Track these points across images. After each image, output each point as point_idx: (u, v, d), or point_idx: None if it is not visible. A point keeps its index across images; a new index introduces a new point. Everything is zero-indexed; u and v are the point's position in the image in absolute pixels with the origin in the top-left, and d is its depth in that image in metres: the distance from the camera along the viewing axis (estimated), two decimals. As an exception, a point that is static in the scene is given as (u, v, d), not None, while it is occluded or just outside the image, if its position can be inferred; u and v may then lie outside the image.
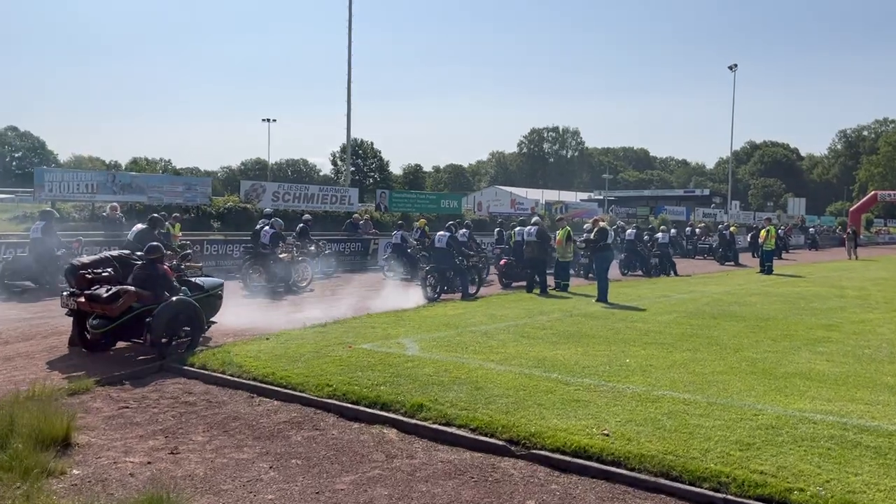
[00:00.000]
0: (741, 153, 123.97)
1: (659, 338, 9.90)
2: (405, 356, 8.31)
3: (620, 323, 11.32)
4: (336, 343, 9.11)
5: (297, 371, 7.48)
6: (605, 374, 7.54)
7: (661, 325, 11.18)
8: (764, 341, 9.76)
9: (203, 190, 27.35)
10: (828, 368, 7.98)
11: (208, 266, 19.24)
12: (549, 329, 10.59)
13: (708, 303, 14.38)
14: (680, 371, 7.72)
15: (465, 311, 12.61)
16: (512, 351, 8.77)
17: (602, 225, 14.79)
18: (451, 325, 10.84)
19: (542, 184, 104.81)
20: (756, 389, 6.92)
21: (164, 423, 6.13)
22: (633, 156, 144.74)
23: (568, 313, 12.50)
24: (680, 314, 12.53)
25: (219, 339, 9.90)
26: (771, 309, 13.50)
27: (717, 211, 58.58)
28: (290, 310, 13.16)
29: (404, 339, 9.55)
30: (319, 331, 10.16)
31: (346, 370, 7.52)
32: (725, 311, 12.96)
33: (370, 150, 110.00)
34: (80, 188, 23.78)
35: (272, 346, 8.81)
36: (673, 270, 23.71)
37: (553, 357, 8.40)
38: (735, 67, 57.97)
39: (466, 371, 7.54)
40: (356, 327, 10.56)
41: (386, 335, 9.82)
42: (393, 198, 34.61)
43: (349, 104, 36.68)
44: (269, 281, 16.17)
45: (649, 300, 14.80)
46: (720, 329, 10.82)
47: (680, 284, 18.95)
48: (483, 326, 10.79)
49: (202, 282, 9.56)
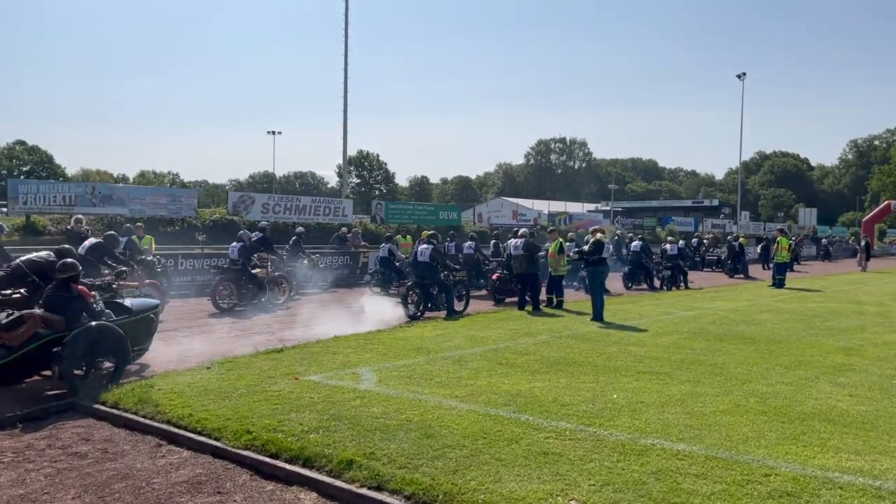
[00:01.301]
0: (751, 164, 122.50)
1: (655, 365, 8.68)
2: (356, 391, 7.13)
3: (614, 346, 10.11)
4: (283, 374, 7.95)
5: (220, 412, 6.31)
6: (586, 414, 6.33)
7: (659, 349, 9.96)
8: (775, 370, 8.52)
9: (188, 202, 26.29)
10: (851, 406, 6.75)
11: (183, 283, 18.18)
12: (532, 354, 9.38)
13: (713, 321, 13.14)
14: (675, 410, 6.50)
15: (444, 333, 11.43)
16: (483, 383, 7.57)
17: (598, 237, 13.55)
18: (424, 350, 9.67)
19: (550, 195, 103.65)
20: (767, 437, 5.69)
21: (30, 486, 4.97)
22: (642, 166, 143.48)
23: (557, 335, 11.29)
24: (682, 335, 11.30)
25: (160, 366, 8.79)
26: (783, 329, 12.24)
27: (727, 222, 57.16)
28: (253, 331, 12.01)
29: (363, 367, 8.38)
30: (272, 357, 9.01)
31: (278, 411, 6.35)
32: (732, 332, 11.72)
33: (376, 161, 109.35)
34: (57, 200, 22.76)
35: (207, 378, 7.65)
36: (684, 282, 22.59)
37: (529, 391, 7.20)
38: (744, 76, 56.83)
39: (422, 411, 6.35)
40: (315, 353, 9.40)
41: (344, 363, 8.65)
42: (389, 209, 33.46)
43: (345, 114, 35.66)
44: (241, 299, 15.04)
45: (650, 318, 13.57)
46: (726, 354, 9.58)
47: (684, 300, 17.70)
48: (458, 351, 9.60)
49: (133, 303, 8.39)
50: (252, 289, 15.15)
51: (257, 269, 15.50)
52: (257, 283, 15.24)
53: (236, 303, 14.96)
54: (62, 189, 23.11)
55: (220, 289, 14.97)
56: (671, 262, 22.49)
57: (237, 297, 15.00)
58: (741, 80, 56.81)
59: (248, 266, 15.24)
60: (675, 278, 22.45)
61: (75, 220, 17.47)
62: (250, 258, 15.47)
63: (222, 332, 11.93)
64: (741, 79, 56.79)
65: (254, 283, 15.20)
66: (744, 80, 56.81)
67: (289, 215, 29.20)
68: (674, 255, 22.63)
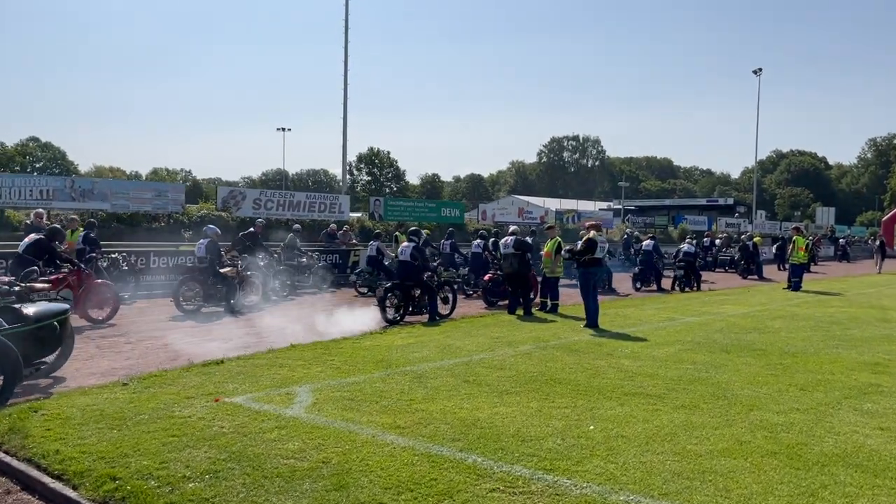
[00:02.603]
0: (767, 162, 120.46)
1: (647, 384, 7.41)
2: (279, 419, 5.92)
3: (603, 360, 8.83)
4: (206, 393, 6.75)
5: (97, 447, 5.12)
6: (551, 454, 5.08)
7: (655, 363, 8.67)
8: (789, 391, 7.22)
9: (175, 197, 25.18)
10: (883, 444, 5.45)
11: (156, 282, 17.07)
12: (507, 369, 8.14)
13: (721, 329, 11.83)
14: (662, 449, 5.23)
15: (417, 341, 10.20)
16: (437, 408, 6.34)
17: (592, 234, 12.23)
18: (385, 363, 8.44)
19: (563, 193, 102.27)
20: (777, 492, 4.42)
21: None
22: (657, 165, 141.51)
23: (542, 344, 10.02)
24: (683, 346, 10.01)
25: (78, 381, 7.65)
26: (798, 339, 10.92)
27: (741, 221, 55.53)
28: (209, 337, 10.82)
29: (304, 386, 7.16)
30: (206, 371, 7.83)
31: (171, 446, 5.15)
32: (741, 342, 10.41)
33: (386, 159, 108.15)
34: (34, 194, 21.75)
35: (112, 399, 6.47)
36: (697, 283, 21.34)
37: (489, 420, 5.96)
38: (760, 72, 55.23)
39: (346, 449, 5.13)
40: (260, 365, 8.21)
41: (285, 380, 7.44)
42: (388, 205, 32.24)
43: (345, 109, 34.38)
44: (208, 300, 13.87)
45: (650, 325, 12.29)
46: (731, 370, 8.29)
47: (691, 303, 16.36)
48: (424, 365, 8.37)
49: (34, 310, 7.19)
50: (220, 289, 13.97)
51: (226, 268, 14.32)
52: (226, 283, 14.05)
53: (202, 304, 13.80)
54: (39, 183, 22.16)
55: (183, 289, 13.78)
56: (684, 262, 21.22)
57: (203, 298, 13.82)
58: (757, 75, 55.28)
59: (215, 264, 14.07)
60: (689, 279, 21.20)
61: (35, 215, 16.42)
62: (219, 256, 14.29)
63: (174, 338, 10.75)
64: (757, 74, 55.25)
65: (222, 283, 14.01)
66: (760, 76, 55.29)
67: (282, 211, 28.09)
68: (690, 254, 21.42)
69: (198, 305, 13.74)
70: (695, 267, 21.58)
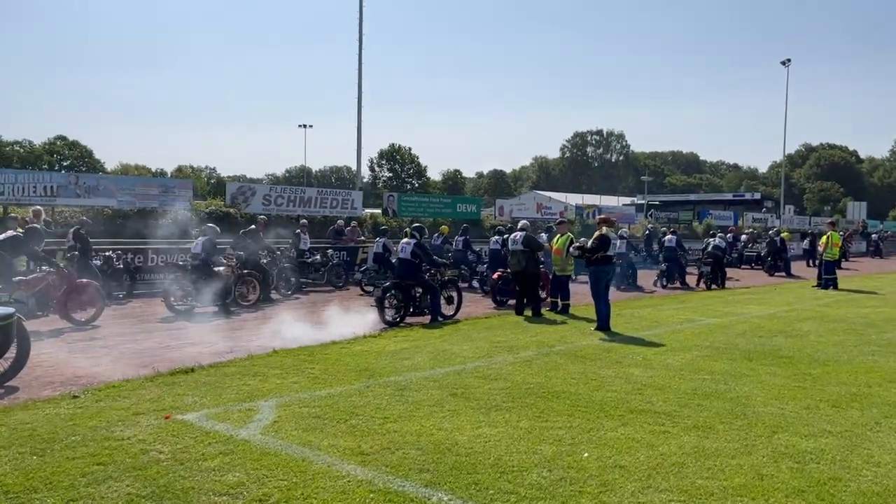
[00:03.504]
0: (796, 156, 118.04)
1: (656, 399, 6.57)
2: (228, 441, 5.18)
3: (611, 369, 8.00)
4: (159, 408, 6.05)
5: (8, 478, 4.42)
6: (534, 489, 4.29)
7: (668, 372, 7.83)
8: (820, 408, 6.35)
9: (182, 193, 24.62)
10: (933, 479, 4.59)
11: (151, 280, 16.49)
12: (502, 380, 7.34)
13: (744, 332, 10.92)
14: (667, 485, 4.41)
15: (411, 346, 9.44)
16: (412, 428, 5.57)
17: (604, 230, 11.35)
18: (368, 372, 7.69)
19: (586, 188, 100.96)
20: (802, 547, 3.60)
21: None
22: (682, 160, 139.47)
23: (546, 350, 9.21)
24: (701, 352, 9.15)
25: (32, 392, 6.97)
26: (830, 343, 9.99)
27: (769, 216, 54.05)
28: (190, 341, 10.14)
29: (270, 400, 6.43)
30: (171, 381, 7.14)
31: (89, 477, 4.43)
32: (766, 348, 9.52)
33: (408, 155, 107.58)
34: (38, 191, 21.26)
35: (53, 415, 5.79)
36: (722, 280, 20.55)
37: (468, 443, 5.18)
38: (788, 62, 53.74)
39: (292, 482, 4.38)
40: (231, 374, 7.50)
41: (251, 393, 6.71)
42: (402, 201, 31.49)
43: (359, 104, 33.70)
44: (201, 300, 13.20)
45: (667, 327, 11.41)
46: (754, 382, 7.41)
47: (714, 303, 15.41)
48: (411, 374, 7.60)
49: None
50: (215, 289, 13.32)
51: (221, 267, 13.67)
52: (221, 282, 13.41)
53: (195, 305, 13.15)
54: (43, 179, 21.60)
55: (174, 289, 13.14)
56: (712, 258, 20.39)
57: (196, 298, 13.17)
58: (786, 66, 53.79)
59: (209, 262, 13.43)
60: (716, 275, 20.39)
61: (33, 213, 15.95)
62: (215, 254, 13.66)
63: (154, 341, 10.09)
64: (786, 65, 53.77)
65: (217, 282, 13.37)
66: (788, 67, 53.82)
67: (292, 207, 27.44)
68: (720, 248, 20.66)
69: (190, 305, 13.10)
70: (722, 263, 20.78)
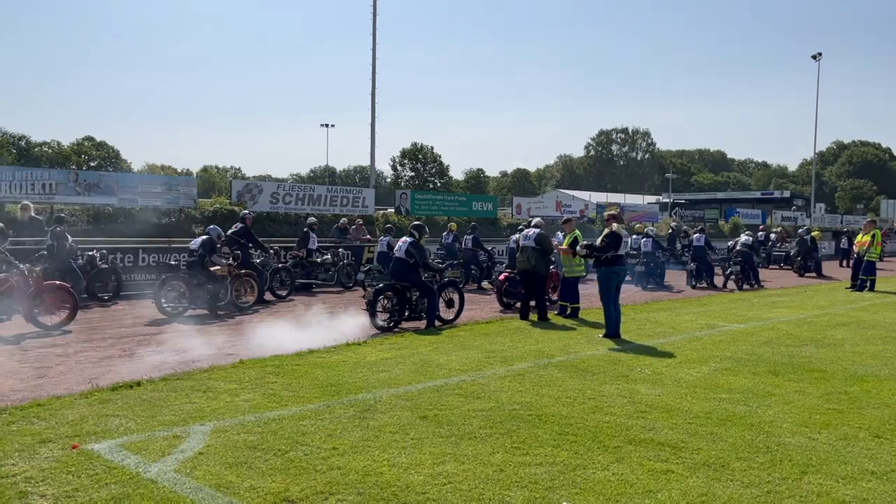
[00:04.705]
0: (827, 154, 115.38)
1: (662, 425, 5.55)
2: (130, 482, 4.27)
3: (614, 384, 6.98)
4: (73, 434, 5.18)
5: None
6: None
7: (679, 389, 6.79)
8: (859, 439, 5.29)
9: (186, 191, 23.89)
10: None
11: (140, 281, 15.69)
12: (486, 398, 6.36)
13: (769, 340, 9.83)
14: (663, 551, 3.42)
15: (394, 356, 8.48)
16: (361, 464, 4.61)
17: (614, 227, 10.29)
18: (335, 388, 6.75)
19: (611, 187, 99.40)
20: None
21: None
22: (709, 158, 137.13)
23: (544, 361, 8.20)
24: (720, 364, 8.09)
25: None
26: (868, 355, 8.86)
27: (798, 214, 52.36)
28: (158, 348, 9.27)
29: (207, 424, 5.51)
30: (103, 399, 6.26)
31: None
32: (794, 360, 8.43)
33: (430, 154, 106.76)
34: (37, 188, 20.64)
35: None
36: (756, 280, 19.74)
37: (421, 487, 4.21)
38: (819, 56, 51.97)
39: (182, 542, 3.45)
40: (180, 389, 6.61)
41: (190, 414, 5.80)
42: (415, 199, 30.55)
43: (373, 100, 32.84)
44: (194, 301, 12.46)
45: (684, 335, 10.35)
46: (779, 402, 6.36)
47: (738, 307, 14.26)
48: (383, 391, 6.65)
49: None
50: (209, 289, 12.60)
51: (216, 267, 12.90)
52: (216, 282, 12.67)
53: (187, 306, 12.40)
54: (42, 176, 20.97)
55: (166, 289, 12.38)
56: (741, 257, 19.50)
57: (189, 299, 12.43)
58: (817, 61, 52.05)
59: (205, 260, 12.67)
60: (746, 275, 19.52)
61: (21, 208, 15.29)
62: (212, 253, 12.88)
63: (120, 349, 9.24)
64: (817, 60, 52.03)
65: (212, 282, 12.63)
66: (819, 62, 52.05)
67: (301, 206, 26.64)
68: (748, 246, 19.75)
69: (182, 307, 12.35)
70: (752, 261, 19.89)
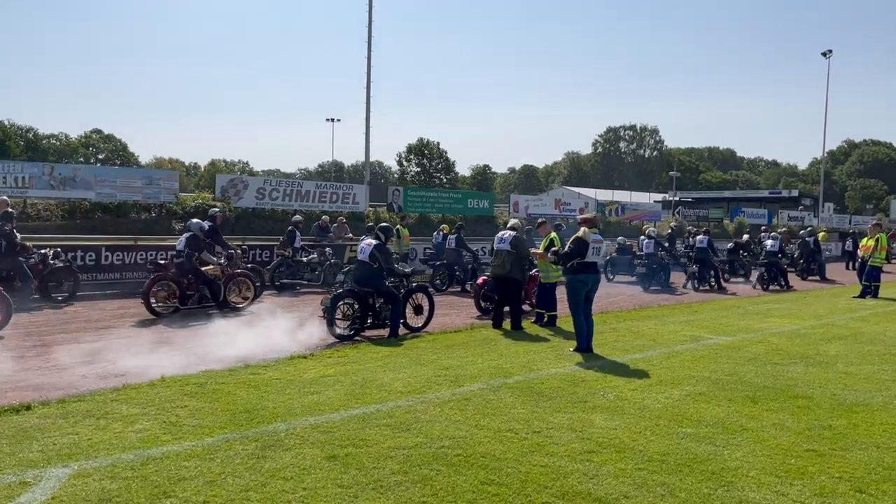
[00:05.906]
0: (838, 153, 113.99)
1: (607, 472, 4.71)
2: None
3: (567, 413, 6.14)
4: None
5: None
6: None
7: (641, 421, 5.95)
8: (837, 495, 4.43)
9: (168, 185, 23.21)
10: None
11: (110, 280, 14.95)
12: (415, 432, 5.53)
13: (756, 356, 8.97)
14: None
15: (335, 373, 7.67)
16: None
17: (582, 232, 9.38)
18: (247, 416, 5.95)
19: (618, 185, 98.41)
20: None
21: None
22: (718, 156, 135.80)
23: (499, 382, 7.36)
24: (694, 387, 7.24)
25: None
26: (861, 376, 7.99)
27: (806, 214, 51.30)
28: (99, 357, 8.47)
29: (70, 465, 4.72)
30: (-21, 427, 5.46)
31: None
32: (777, 383, 7.57)
33: (436, 150, 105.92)
34: (9, 182, 20.01)
35: None
36: (784, 281, 19.74)
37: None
38: (829, 54, 50.95)
39: None
40: (69, 414, 5.83)
41: (57, 452, 5.01)
42: (408, 196, 29.73)
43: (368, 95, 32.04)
44: (184, 302, 12.10)
45: (665, 348, 9.50)
46: (750, 441, 5.50)
47: (730, 315, 13.37)
48: (300, 421, 5.83)
49: None
50: (201, 290, 12.09)
51: (209, 266, 12.28)
52: (207, 282, 12.13)
53: (177, 307, 11.82)
54: (14, 169, 20.33)
55: (155, 289, 11.77)
56: (768, 259, 19.67)
57: (179, 299, 11.87)
58: (827, 58, 51.07)
59: (192, 260, 12.01)
60: (775, 276, 19.57)
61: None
62: (200, 251, 12.22)
63: (42, 360, 8.44)
64: (827, 57, 51.03)
65: (203, 282, 12.09)
66: (829, 59, 51.01)
67: (288, 202, 25.93)
68: (772, 254, 19.74)
69: (172, 307, 11.84)
70: (780, 264, 19.93)
